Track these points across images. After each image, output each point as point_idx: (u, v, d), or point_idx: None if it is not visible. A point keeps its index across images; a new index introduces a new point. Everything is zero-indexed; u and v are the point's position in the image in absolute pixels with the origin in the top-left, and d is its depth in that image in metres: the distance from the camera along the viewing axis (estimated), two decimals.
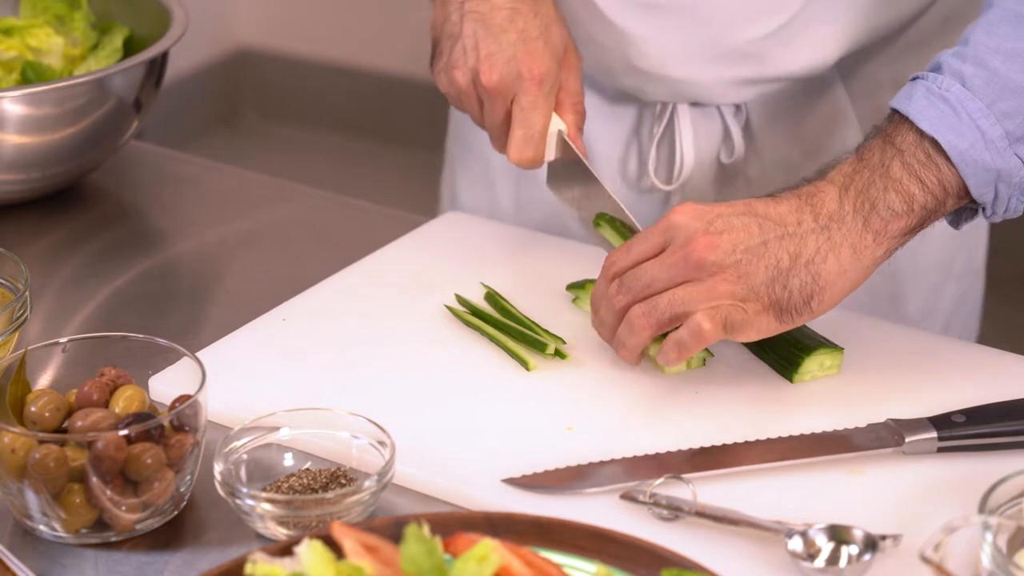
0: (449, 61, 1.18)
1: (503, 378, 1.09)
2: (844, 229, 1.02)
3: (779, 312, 1.02)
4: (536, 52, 1.16)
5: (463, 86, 1.17)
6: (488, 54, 1.16)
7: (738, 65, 1.24)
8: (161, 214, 1.39)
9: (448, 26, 1.19)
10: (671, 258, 1.03)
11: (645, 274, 1.04)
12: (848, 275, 1.02)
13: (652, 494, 0.94)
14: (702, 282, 1.02)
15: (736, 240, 1.02)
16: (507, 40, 1.16)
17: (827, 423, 1.02)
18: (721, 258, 1.01)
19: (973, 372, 1.09)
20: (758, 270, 1.01)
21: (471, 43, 1.17)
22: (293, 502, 0.92)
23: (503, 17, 1.17)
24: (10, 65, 1.38)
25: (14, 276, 1.10)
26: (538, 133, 1.16)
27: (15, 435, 0.91)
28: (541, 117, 1.16)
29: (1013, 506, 0.90)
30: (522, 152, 1.16)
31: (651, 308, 1.03)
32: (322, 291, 1.20)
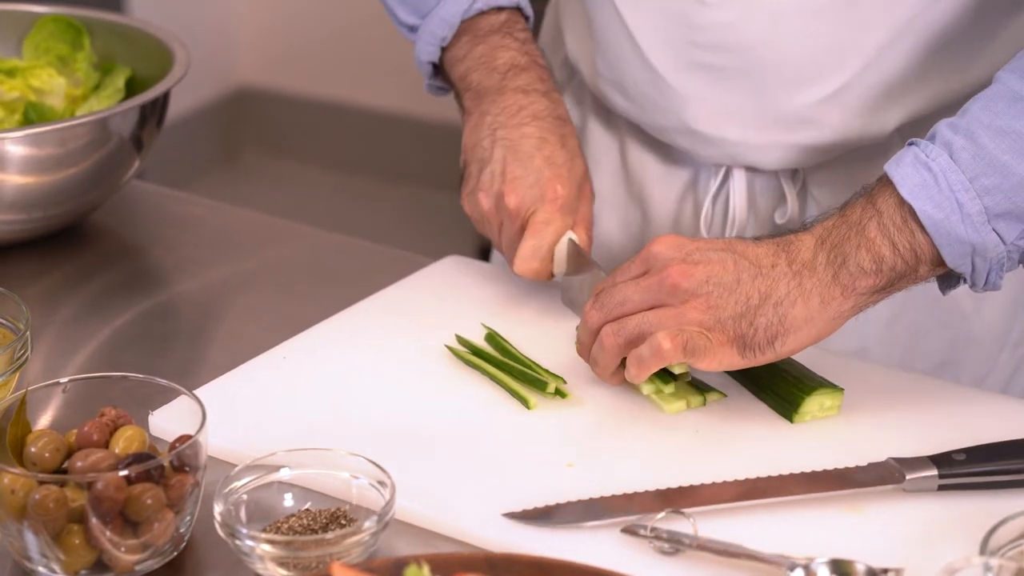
0: (477, 185, 1.22)
1: (504, 417, 1.09)
2: (815, 279, 1.05)
3: (742, 347, 1.05)
4: (560, 177, 1.21)
5: (487, 209, 1.22)
6: (514, 177, 1.20)
7: (792, 130, 1.23)
8: (162, 253, 1.40)
9: (478, 151, 1.24)
10: (646, 281, 1.07)
11: (619, 293, 1.07)
12: (814, 322, 1.05)
13: (653, 528, 0.94)
14: (673, 308, 1.05)
15: (711, 272, 1.05)
16: (533, 166, 1.21)
17: (827, 462, 1.02)
18: (694, 287, 1.05)
19: (974, 413, 1.09)
20: (727, 304, 1.05)
21: (499, 168, 1.21)
22: (293, 543, 0.92)
23: (531, 144, 1.22)
24: (13, 106, 1.39)
25: (15, 316, 1.11)
26: (547, 245, 1.19)
27: (15, 476, 0.91)
28: (552, 232, 1.19)
29: (1014, 547, 0.90)
30: (527, 262, 1.19)
31: (620, 327, 1.06)
32: (323, 330, 1.20)
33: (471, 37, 1.28)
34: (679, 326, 1.04)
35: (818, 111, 1.22)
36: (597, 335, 1.08)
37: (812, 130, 1.23)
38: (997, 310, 1.30)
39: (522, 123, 1.23)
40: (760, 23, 1.20)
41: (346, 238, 1.41)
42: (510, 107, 1.24)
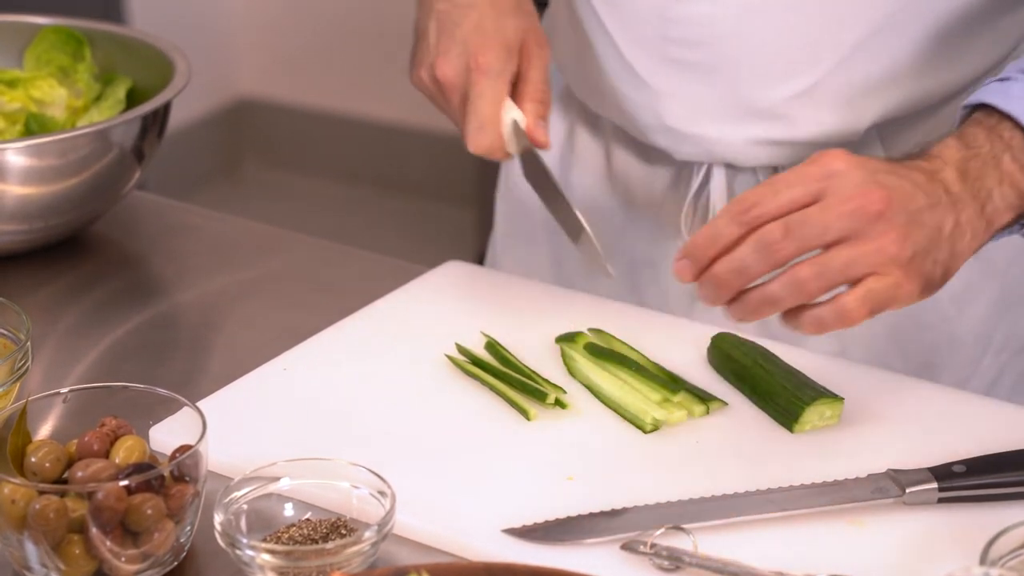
0: (415, 60, 1.21)
1: (503, 427, 1.09)
2: (967, 212, 1.01)
3: (925, 285, 0.99)
4: (486, 43, 1.17)
5: (427, 83, 1.20)
6: (444, 49, 1.18)
7: (767, 125, 1.23)
8: (163, 264, 1.40)
9: (419, 26, 1.22)
10: (845, 208, 0.96)
11: (817, 220, 0.96)
12: (964, 257, 1.01)
13: (653, 544, 0.94)
14: (872, 241, 0.96)
15: (904, 200, 0.98)
16: (460, 34, 1.18)
17: (827, 473, 1.02)
18: (894, 214, 0.97)
19: (974, 423, 1.09)
20: (919, 236, 0.98)
21: (433, 41, 1.19)
22: (293, 552, 0.92)
23: (460, 13, 1.19)
24: (14, 117, 1.39)
25: (15, 326, 1.11)
26: (487, 120, 1.15)
27: (15, 486, 0.91)
28: (487, 104, 1.15)
29: (1015, 557, 0.90)
30: (476, 141, 1.16)
31: (824, 268, 0.96)
32: (322, 341, 1.20)
33: None
34: (878, 264, 0.96)
35: (793, 107, 1.22)
36: (780, 265, 0.97)
37: (787, 126, 1.23)
38: (979, 313, 1.30)
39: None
40: (733, 17, 1.20)
41: (346, 248, 1.41)
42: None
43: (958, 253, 1.01)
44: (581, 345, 1.16)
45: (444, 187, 3.62)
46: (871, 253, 0.97)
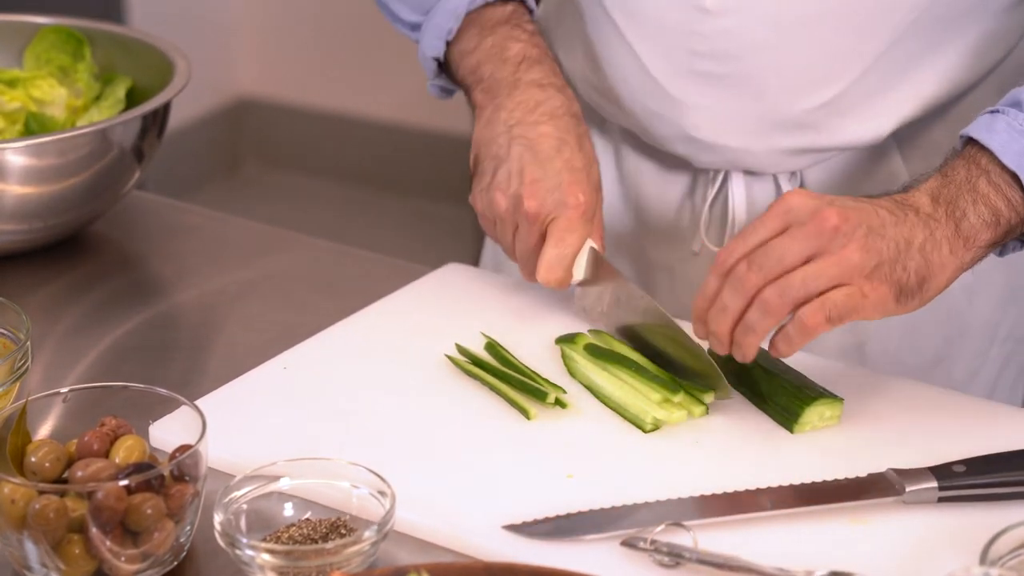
0: (492, 183, 1.20)
1: (503, 427, 1.09)
2: (942, 229, 1.04)
3: (899, 292, 1.03)
4: (581, 183, 1.18)
5: (503, 210, 1.19)
6: (533, 179, 1.18)
7: (792, 135, 1.24)
8: (162, 263, 1.40)
9: (494, 147, 1.21)
10: (801, 231, 1.02)
11: (775, 250, 1.02)
12: (947, 271, 1.04)
13: (653, 541, 0.94)
14: (832, 254, 1.01)
15: (861, 216, 1.03)
16: (553, 168, 1.18)
17: (827, 472, 1.02)
18: (851, 229, 1.02)
19: (974, 423, 1.09)
20: (883, 247, 1.02)
21: (516, 167, 1.18)
22: (293, 552, 0.92)
23: (550, 146, 1.19)
24: (13, 116, 1.39)
25: (15, 326, 1.11)
26: (571, 254, 1.17)
27: (15, 486, 0.91)
28: (576, 240, 1.17)
29: (1014, 557, 0.90)
30: (553, 271, 1.17)
31: (784, 287, 1.01)
32: (323, 340, 1.20)
33: (478, 29, 1.26)
34: (840, 275, 1.01)
35: (818, 116, 1.23)
36: (752, 300, 1.03)
37: (813, 135, 1.24)
38: (989, 305, 1.32)
39: (539, 121, 1.20)
40: (761, 30, 1.20)
41: (346, 248, 1.41)
42: (526, 102, 1.22)
43: (936, 264, 1.04)
44: (581, 346, 1.16)
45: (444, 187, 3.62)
46: (831, 265, 1.01)
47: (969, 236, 1.04)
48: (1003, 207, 1.05)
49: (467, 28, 1.27)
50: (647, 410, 1.08)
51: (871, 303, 1.02)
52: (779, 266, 1.02)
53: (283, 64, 3.78)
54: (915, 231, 1.04)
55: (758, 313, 1.03)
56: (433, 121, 3.59)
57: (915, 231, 1.04)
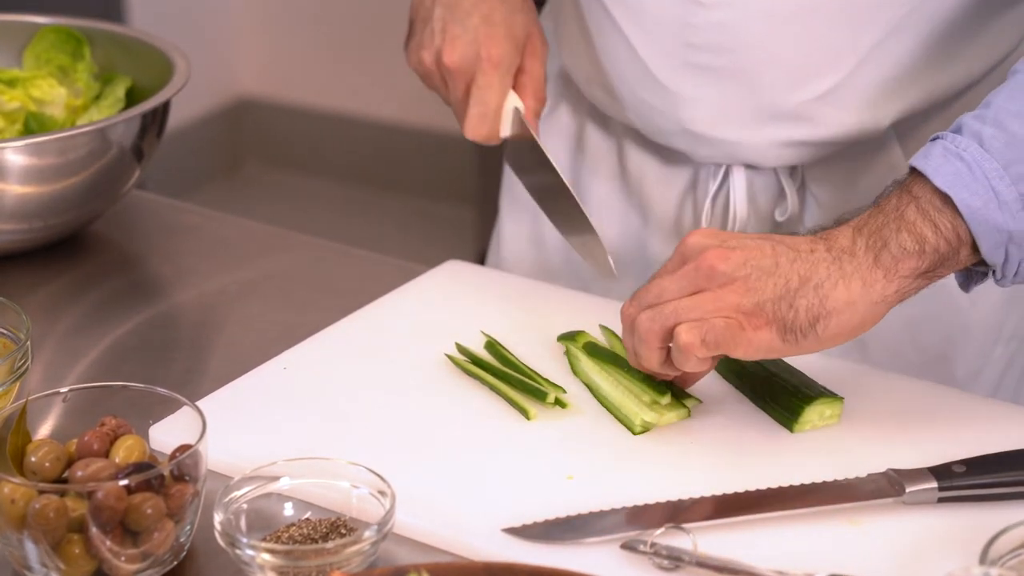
0: (419, 41, 1.25)
1: (503, 427, 1.09)
2: (855, 262, 1.03)
3: (783, 330, 1.03)
4: (496, 36, 1.23)
5: (428, 66, 1.25)
6: (452, 36, 1.23)
7: (789, 128, 1.24)
8: (162, 263, 1.40)
9: (422, 9, 1.26)
10: (682, 269, 1.05)
11: (655, 287, 1.06)
12: (856, 307, 1.03)
13: (653, 544, 0.94)
14: (710, 292, 1.03)
15: (748, 256, 1.04)
16: (470, 23, 1.23)
17: (827, 473, 1.02)
18: (731, 270, 1.03)
19: (974, 422, 1.09)
20: (766, 286, 1.03)
21: (439, 26, 1.24)
22: (293, 552, 0.92)
23: (470, 2, 1.24)
24: (13, 116, 1.39)
25: (15, 326, 1.11)
26: (492, 111, 1.22)
27: (15, 485, 0.91)
28: (495, 95, 1.22)
29: (1014, 557, 0.90)
30: (476, 128, 1.23)
31: (656, 314, 1.04)
32: (322, 340, 1.20)
33: None
34: (716, 311, 1.02)
35: (814, 109, 1.23)
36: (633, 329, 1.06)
37: (809, 127, 1.24)
38: (992, 304, 1.31)
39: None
40: (756, 23, 1.20)
41: (346, 247, 1.41)
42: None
43: (837, 301, 1.02)
44: (580, 344, 1.16)
45: (444, 187, 3.62)
46: (707, 300, 1.03)
47: (889, 267, 1.03)
48: (929, 234, 1.02)
49: None
50: (637, 412, 1.08)
51: (749, 338, 1.02)
52: (656, 300, 1.05)
53: (283, 63, 3.78)
54: (816, 268, 1.03)
55: (637, 340, 1.06)
56: (433, 121, 3.59)
57: (816, 268, 1.03)
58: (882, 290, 1.03)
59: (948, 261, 1.04)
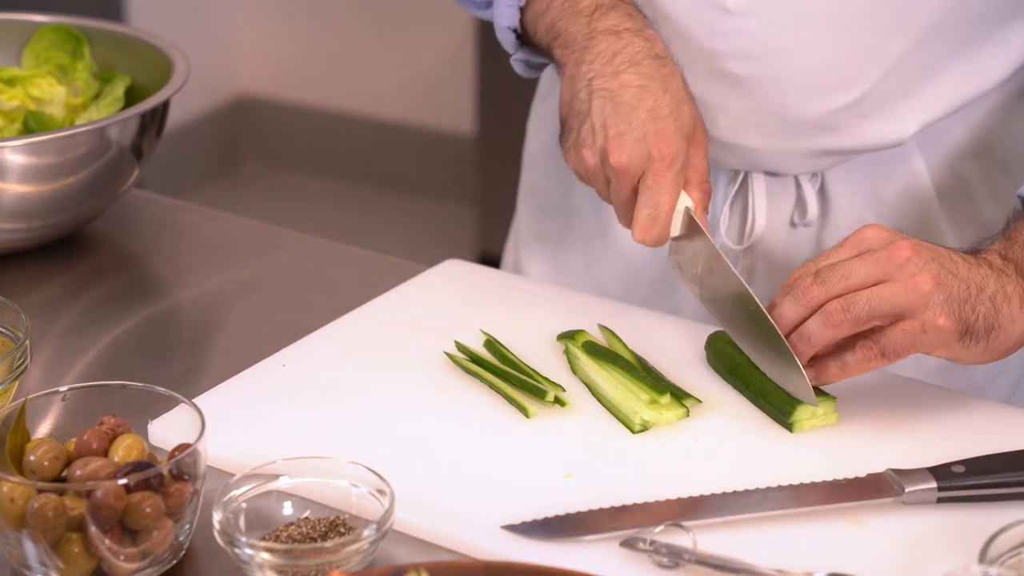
0: (578, 139, 1.16)
1: (502, 425, 1.09)
2: (1012, 284, 1.06)
3: (964, 331, 1.04)
4: (666, 131, 1.14)
5: (591, 165, 1.16)
6: (617, 133, 1.13)
7: (814, 137, 1.24)
8: (161, 262, 1.40)
9: (576, 103, 1.17)
10: (873, 256, 1.04)
11: (843, 268, 1.04)
12: (1016, 325, 1.05)
13: (652, 541, 0.94)
14: (901, 282, 1.03)
15: (935, 254, 1.05)
16: (637, 119, 1.14)
17: (826, 472, 1.02)
18: (925, 261, 1.04)
19: (974, 423, 1.09)
20: (953, 285, 1.04)
21: (600, 121, 1.15)
22: (292, 551, 0.92)
23: (632, 95, 1.15)
24: (12, 115, 1.39)
25: (14, 325, 1.11)
26: (664, 212, 1.14)
27: (14, 484, 0.91)
28: (668, 196, 1.13)
29: (1013, 556, 0.90)
30: (647, 232, 1.14)
31: (849, 303, 1.03)
32: (322, 338, 1.20)
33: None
34: (908, 301, 1.02)
35: (839, 118, 1.23)
36: (813, 311, 1.05)
37: (833, 137, 1.24)
38: None
39: (619, 70, 1.16)
40: (783, 31, 1.20)
41: (345, 246, 1.41)
42: (603, 53, 1.17)
43: (1005, 316, 1.05)
44: (580, 343, 1.16)
45: (444, 185, 3.62)
46: (899, 292, 1.03)
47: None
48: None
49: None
50: (636, 410, 1.08)
51: (931, 337, 1.04)
52: (843, 283, 1.04)
53: (282, 62, 3.78)
54: (987, 279, 1.05)
55: (819, 323, 1.04)
56: (433, 120, 3.59)
57: (987, 279, 1.05)
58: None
59: None
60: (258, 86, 3.82)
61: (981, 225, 1.30)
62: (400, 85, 3.59)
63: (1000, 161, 1.31)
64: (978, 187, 1.31)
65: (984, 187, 1.31)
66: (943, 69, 1.22)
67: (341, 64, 3.69)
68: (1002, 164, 1.31)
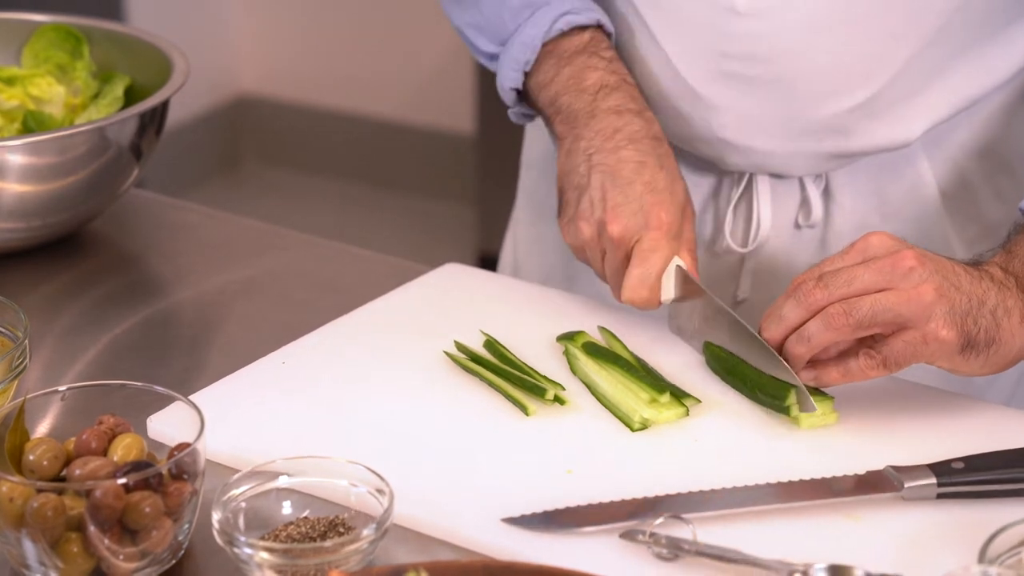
0: (576, 213, 1.19)
1: (502, 423, 1.09)
2: (1013, 298, 1.06)
3: (966, 343, 1.04)
4: (663, 203, 1.17)
5: (587, 238, 1.18)
6: (615, 205, 1.16)
7: (821, 139, 1.24)
8: (161, 262, 1.40)
9: (575, 177, 1.20)
10: (877, 264, 1.04)
11: (846, 273, 1.05)
12: (1016, 339, 1.05)
13: (652, 533, 0.94)
14: (904, 291, 1.03)
15: (939, 266, 1.05)
16: (634, 192, 1.17)
17: (826, 469, 1.02)
18: (928, 273, 1.04)
19: (973, 425, 1.09)
20: (956, 297, 1.04)
21: (598, 195, 1.17)
22: (291, 551, 0.92)
23: (630, 170, 1.18)
24: (12, 114, 1.39)
25: (13, 324, 1.11)
26: (655, 273, 1.15)
27: (13, 484, 0.91)
28: (660, 259, 1.15)
29: (1013, 555, 0.90)
30: (636, 290, 1.15)
31: (851, 307, 1.04)
32: (321, 337, 1.20)
33: (556, 60, 1.25)
34: (910, 312, 1.02)
35: (846, 120, 1.23)
36: (814, 313, 1.05)
37: (840, 139, 1.24)
38: None
39: (618, 147, 1.19)
40: (792, 33, 1.20)
41: (345, 246, 1.41)
42: (604, 130, 1.20)
43: (1006, 330, 1.05)
44: (579, 344, 1.16)
45: (444, 186, 3.62)
46: (902, 301, 1.03)
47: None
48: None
49: (544, 59, 1.25)
50: (636, 409, 1.08)
51: (932, 349, 1.04)
52: (846, 288, 1.04)
53: (282, 62, 3.78)
54: (989, 293, 1.05)
55: (819, 324, 1.04)
56: (433, 120, 3.59)
57: (989, 293, 1.05)
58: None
59: None
60: (258, 86, 3.82)
61: (984, 226, 1.30)
62: (400, 85, 3.59)
63: (1004, 162, 1.31)
64: (982, 188, 1.31)
65: (988, 188, 1.31)
66: (950, 70, 1.22)
67: (341, 64, 3.69)
68: (1006, 165, 1.31)
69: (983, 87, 1.25)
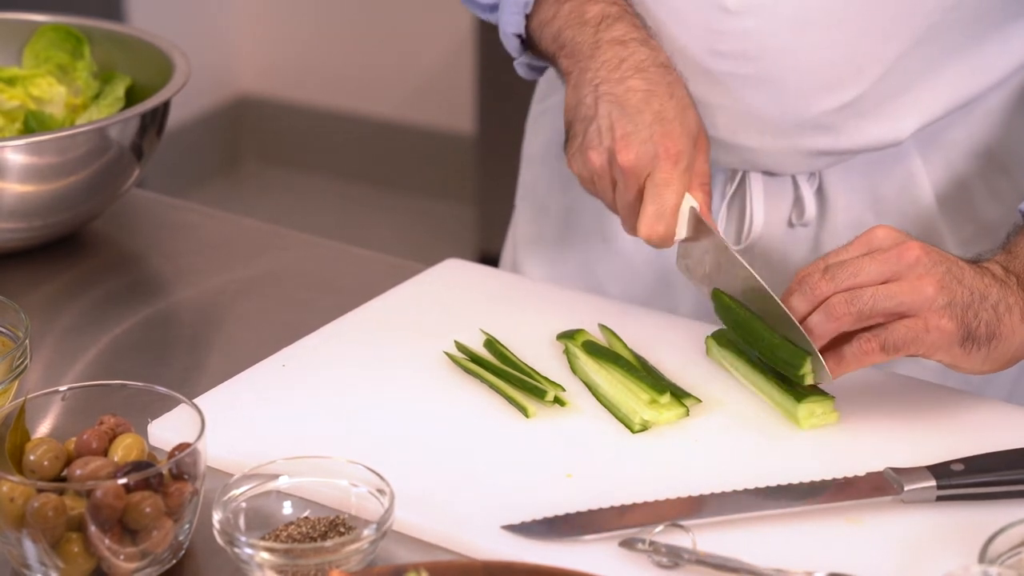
0: (584, 142, 1.17)
1: (502, 425, 1.09)
2: (1014, 295, 1.06)
3: (966, 335, 1.05)
4: (673, 133, 1.15)
5: (598, 167, 1.16)
6: (624, 134, 1.15)
7: (812, 137, 1.24)
8: (161, 262, 1.40)
9: (582, 108, 1.18)
10: (882, 255, 1.05)
11: (852, 265, 1.06)
12: (1016, 336, 1.06)
13: (651, 542, 0.94)
14: (907, 282, 1.04)
15: (942, 258, 1.06)
16: (643, 121, 1.15)
17: (826, 471, 1.02)
18: (932, 264, 1.05)
19: (973, 422, 1.09)
20: (957, 290, 1.05)
21: (606, 124, 1.16)
22: (292, 551, 0.92)
23: (639, 99, 1.16)
24: (13, 114, 1.39)
25: (14, 324, 1.11)
26: (670, 209, 1.14)
27: (14, 484, 0.91)
28: (674, 194, 1.14)
29: (1013, 556, 0.90)
30: (653, 227, 1.14)
31: (854, 297, 1.04)
32: (321, 337, 1.20)
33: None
34: (916, 300, 1.03)
35: (837, 118, 1.23)
36: (819, 304, 1.06)
37: (831, 137, 1.24)
38: None
39: (625, 76, 1.17)
40: (782, 31, 1.20)
41: (345, 246, 1.41)
42: (610, 61, 1.18)
43: (1007, 326, 1.05)
44: (579, 342, 1.16)
45: (444, 185, 3.62)
46: (904, 291, 1.04)
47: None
48: None
49: None
50: (636, 410, 1.08)
51: (933, 338, 1.04)
52: (851, 280, 1.05)
53: (283, 61, 3.78)
54: (991, 288, 1.06)
55: (822, 316, 1.05)
56: (433, 119, 3.59)
57: (991, 288, 1.06)
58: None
59: None
60: (258, 86, 3.82)
61: (979, 225, 1.30)
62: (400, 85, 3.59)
63: (999, 161, 1.31)
64: (977, 187, 1.31)
65: (983, 187, 1.31)
66: (941, 69, 1.22)
67: (341, 63, 3.69)
68: (1001, 164, 1.31)
69: (976, 87, 1.25)
